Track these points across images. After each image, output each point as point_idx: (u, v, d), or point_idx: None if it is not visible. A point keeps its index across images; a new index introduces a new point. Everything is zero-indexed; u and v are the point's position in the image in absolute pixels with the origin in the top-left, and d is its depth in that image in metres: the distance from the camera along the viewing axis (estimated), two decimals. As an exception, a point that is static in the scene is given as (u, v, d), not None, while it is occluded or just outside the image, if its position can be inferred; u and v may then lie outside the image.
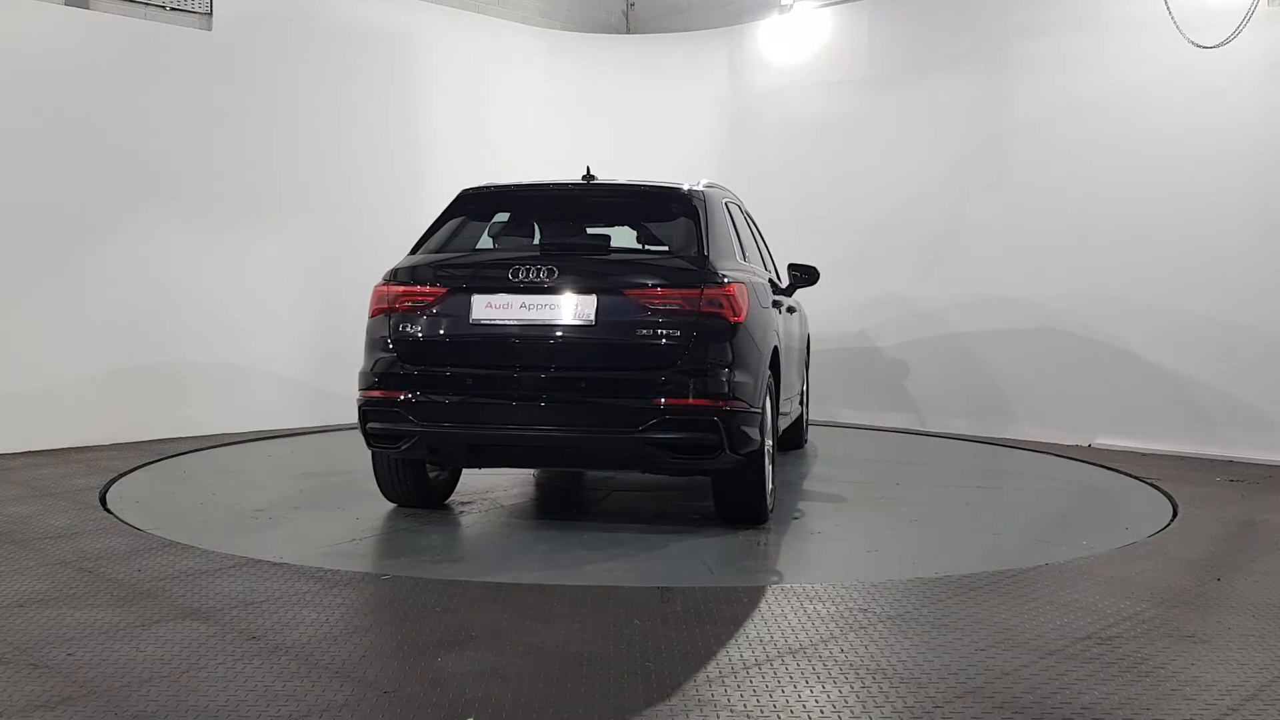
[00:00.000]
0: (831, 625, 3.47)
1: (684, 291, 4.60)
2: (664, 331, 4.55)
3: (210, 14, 8.21)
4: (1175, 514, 5.44)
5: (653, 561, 4.41)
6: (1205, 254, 7.47)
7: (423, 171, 9.57)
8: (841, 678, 2.97)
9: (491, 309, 4.67)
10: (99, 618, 3.49)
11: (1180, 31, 7.25)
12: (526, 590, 3.89)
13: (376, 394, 4.80)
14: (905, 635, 3.35)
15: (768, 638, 3.32)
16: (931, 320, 9.00)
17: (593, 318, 4.58)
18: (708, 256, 4.82)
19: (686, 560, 4.42)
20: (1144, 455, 7.48)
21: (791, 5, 9.85)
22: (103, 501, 5.54)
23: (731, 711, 2.72)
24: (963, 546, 4.79)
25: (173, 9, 8.05)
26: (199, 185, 8.21)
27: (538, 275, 4.64)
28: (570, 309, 4.61)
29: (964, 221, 8.84)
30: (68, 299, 7.52)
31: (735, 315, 4.64)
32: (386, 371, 4.80)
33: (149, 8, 7.93)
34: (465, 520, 5.23)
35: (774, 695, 2.84)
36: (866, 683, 2.93)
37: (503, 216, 5.60)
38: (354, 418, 4.98)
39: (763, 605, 3.69)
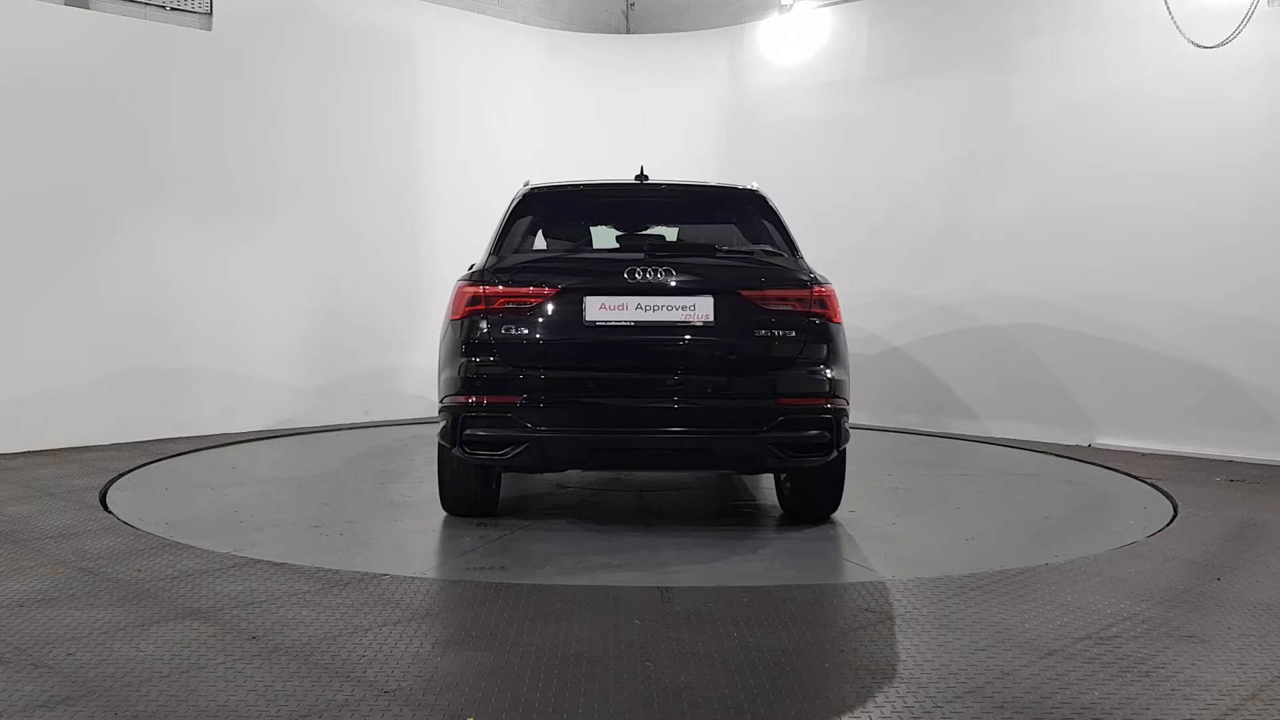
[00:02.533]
0: (831, 625, 3.47)
1: (797, 293, 4.69)
2: (780, 332, 4.62)
3: (210, 14, 8.22)
4: (1175, 514, 5.44)
5: (758, 561, 4.39)
6: (1206, 253, 7.46)
7: (422, 172, 9.58)
8: (841, 678, 2.97)
9: (606, 310, 4.58)
10: (99, 618, 3.49)
11: (1180, 31, 7.24)
12: (526, 590, 3.89)
13: (476, 399, 4.56)
14: (905, 635, 3.35)
15: (767, 638, 3.32)
16: (930, 320, 8.99)
17: (712, 318, 4.59)
18: (800, 258, 4.98)
19: (816, 558, 4.48)
20: (1144, 455, 7.47)
21: (791, 5, 9.85)
22: (103, 501, 5.54)
23: (733, 711, 2.72)
24: (1034, 533, 5.00)
25: (173, 9, 8.06)
26: (198, 185, 8.22)
27: (654, 276, 4.61)
28: (689, 310, 4.59)
29: (964, 221, 8.83)
30: (67, 299, 7.52)
31: (835, 316, 4.76)
32: (488, 376, 4.57)
33: (149, 8, 7.94)
34: (542, 525, 5.07)
35: (774, 695, 2.84)
36: (866, 683, 2.93)
37: (574, 216, 5.57)
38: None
39: (762, 606, 3.69)
